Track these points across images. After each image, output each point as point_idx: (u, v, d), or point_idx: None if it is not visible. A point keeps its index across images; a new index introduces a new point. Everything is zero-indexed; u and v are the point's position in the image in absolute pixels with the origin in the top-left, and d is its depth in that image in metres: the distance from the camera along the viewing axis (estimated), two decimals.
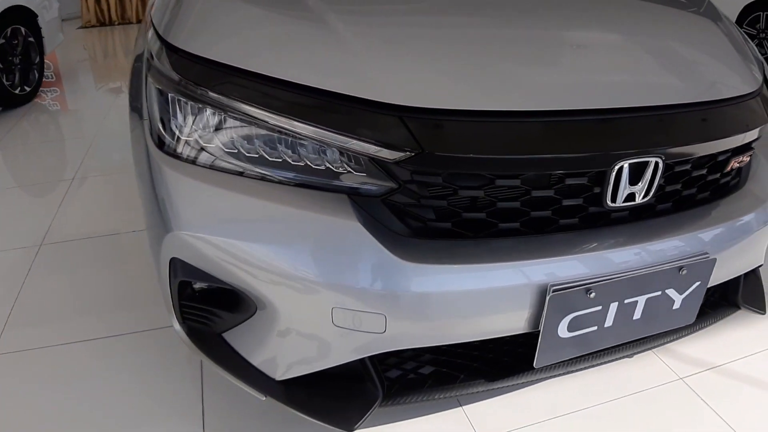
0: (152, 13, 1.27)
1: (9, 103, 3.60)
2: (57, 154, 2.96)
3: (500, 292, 0.92)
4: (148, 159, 1.03)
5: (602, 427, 1.32)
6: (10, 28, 3.58)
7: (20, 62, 3.70)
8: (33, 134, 3.28)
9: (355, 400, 1.01)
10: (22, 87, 3.71)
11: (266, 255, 0.91)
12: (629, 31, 1.13)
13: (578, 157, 0.90)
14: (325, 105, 0.90)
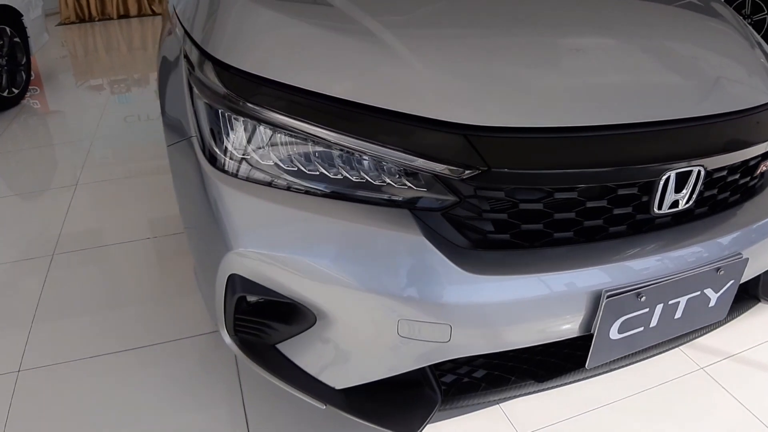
0: (184, 19, 1.26)
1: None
2: (55, 160, 2.89)
3: (558, 299, 0.95)
4: (201, 176, 1.03)
5: (632, 417, 1.38)
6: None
7: (6, 63, 3.60)
8: (26, 139, 3.20)
9: (415, 405, 1.04)
10: (9, 89, 3.61)
11: (331, 270, 0.93)
12: (669, 44, 1.16)
13: (633, 168, 0.93)
14: (390, 124, 0.91)
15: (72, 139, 3.12)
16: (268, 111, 0.95)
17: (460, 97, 0.93)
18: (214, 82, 1.02)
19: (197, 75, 1.06)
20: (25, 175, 2.70)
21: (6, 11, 3.55)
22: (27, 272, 1.93)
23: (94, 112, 3.55)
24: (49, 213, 2.32)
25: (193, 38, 1.12)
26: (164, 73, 1.38)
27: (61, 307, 1.75)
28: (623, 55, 1.08)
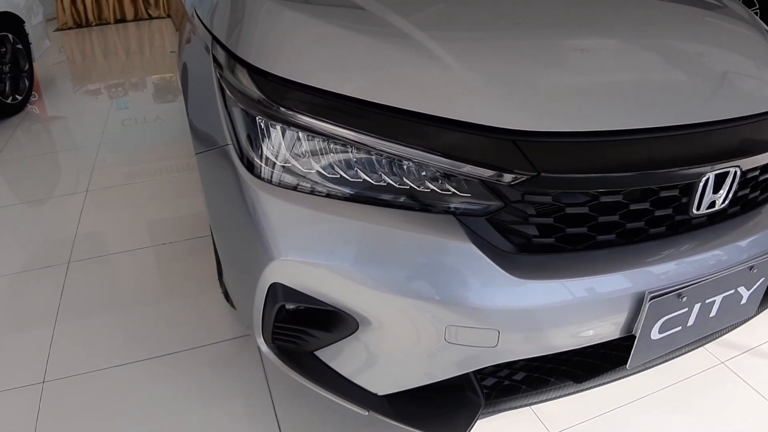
0: (211, 25, 1.23)
1: (1, 113, 3.47)
2: (64, 166, 2.85)
3: (603, 302, 0.95)
4: (239, 185, 1.02)
5: (661, 413, 1.38)
6: None
7: (10, 70, 3.55)
8: (32, 145, 3.16)
9: (459, 409, 1.04)
10: (13, 96, 3.56)
11: (377, 277, 0.92)
12: (704, 48, 1.17)
13: (677, 170, 0.93)
14: (436, 131, 0.90)
15: (78, 145, 3.09)
16: (308, 118, 0.94)
17: (506, 103, 0.92)
18: (252, 89, 1.00)
19: (232, 82, 1.05)
20: (35, 181, 2.67)
21: (8, 18, 3.50)
22: (44, 281, 1.91)
23: (98, 117, 3.51)
24: (61, 220, 2.29)
25: (226, 45, 1.10)
26: (188, 79, 1.36)
27: (81, 316, 1.72)
28: (663, 58, 1.08)
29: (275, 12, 1.09)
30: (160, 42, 5.81)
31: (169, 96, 3.98)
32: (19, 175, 2.78)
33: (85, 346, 1.60)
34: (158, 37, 5.99)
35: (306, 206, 0.95)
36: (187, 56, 1.41)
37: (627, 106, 0.96)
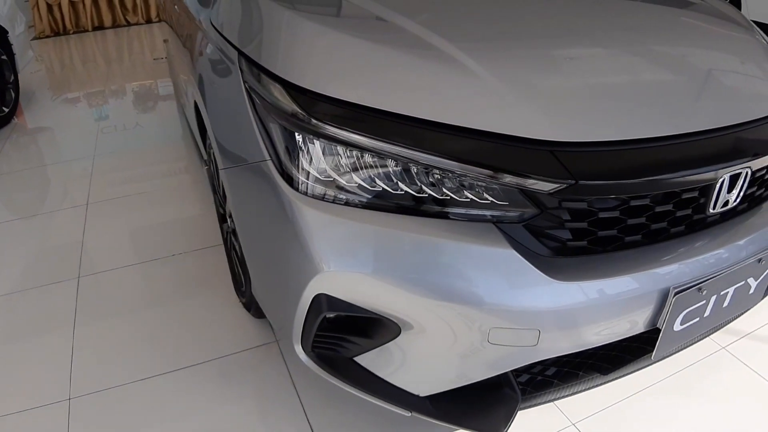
0: (237, 41, 1.23)
1: None
2: (60, 179, 2.79)
3: (632, 299, 1.00)
4: (280, 200, 1.03)
5: (670, 398, 1.45)
6: None
7: None
8: (24, 159, 3.08)
9: (499, 405, 1.07)
10: (0, 108, 3.47)
11: (421, 285, 0.95)
12: (717, 59, 1.24)
13: (699, 173, 0.99)
14: (477, 143, 0.94)
15: (72, 157, 3.02)
16: (349, 133, 0.96)
17: (543, 115, 0.96)
18: (291, 106, 1.02)
19: (270, 99, 1.06)
20: (33, 195, 2.61)
21: None
22: (56, 296, 1.87)
23: (87, 126, 3.44)
24: (65, 234, 2.25)
25: (261, 63, 1.10)
26: (209, 96, 1.36)
27: (98, 331, 1.70)
28: (683, 70, 1.14)
29: (315, 32, 1.10)
30: (139, 49, 5.70)
31: (149, 103, 3.93)
32: (15, 188, 2.71)
33: (106, 361, 1.58)
34: (137, 43, 5.88)
35: (349, 218, 0.97)
36: (206, 71, 1.41)
37: (653, 115, 1.01)
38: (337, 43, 1.07)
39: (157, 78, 4.49)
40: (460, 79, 1.00)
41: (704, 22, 1.41)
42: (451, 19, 1.18)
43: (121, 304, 1.82)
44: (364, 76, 1.02)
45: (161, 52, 5.28)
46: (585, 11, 1.34)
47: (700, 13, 1.47)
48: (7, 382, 1.52)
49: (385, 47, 1.07)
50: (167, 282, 1.92)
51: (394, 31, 1.11)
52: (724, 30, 1.39)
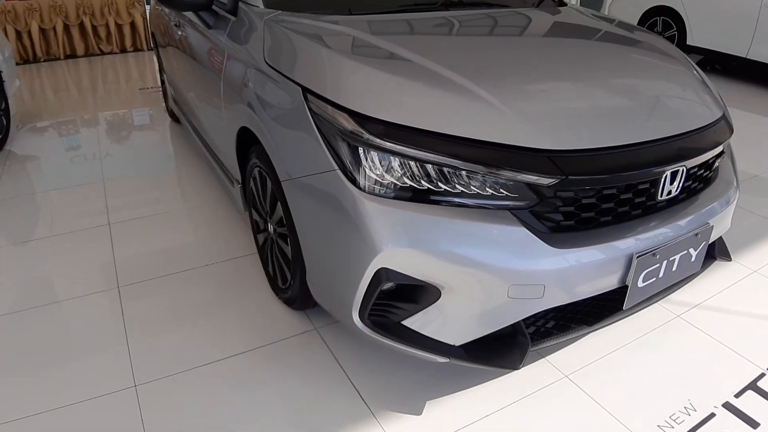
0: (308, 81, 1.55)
1: None
2: (73, 201, 3.01)
3: (608, 261, 1.44)
4: (347, 197, 1.41)
5: (642, 354, 1.89)
6: None
7: None
8: (27, 183, 3.29)
9: (514, 349, 1.48)
10: None
11: (458, 255, 1.35)
12: (664, 86, 1.76)
13: (651, 170, 1.45)
14: (496, 152, 1.36)
15: (83, 181, 3.27)
16: (396, 145, 1.37)
17: (541, 132, 1.40)
18: (353, 126, 1.42)
19: (336, 123, 1.44)
20: (50, 217, 2.84)
21: None
22: (101, 303, 2.12)
23: (86, 152, 3.70)
24: (95, 251, 2.49)
25: (324, 95, 1.49)
26: (272, 121, 1.72)
27: (148, 329, 1.97)
28: (641, 96, 1.64)
29: (367, 73, 1.51)
30: (114, 78, 5.96)
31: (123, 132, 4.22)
32: (33, 211, 2.92)
33: (162, 353, 1.86)
34: (111, 73, 6.14)
35: (400, 208, 1.37)
36: (262, 102, 1.77)
37: (618, 130, 1.47)
38: (384, 81, 1.49)
39: (142, 107, 4.79)
40: (478, 106, 1.43)
41: (654, 59, 1.92)
42: (466, 62, 1.62)
43: (164, 306, 2.10)
44: (405, 103, 1.43)
45: (145, 83, 5.58)
46: (567, 54, 1.83)
47: (651, 52, 1.99)
48: (72, 375, 1.78)
49: (418, 82, 1.49)
50: (204, 287, 2.23)
51: (424, 71, 1.54)
52: (667, 65, 1.90)
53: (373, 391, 1.72)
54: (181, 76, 3.06)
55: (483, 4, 2.30)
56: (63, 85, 5.65)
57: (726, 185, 1.80)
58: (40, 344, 1.92)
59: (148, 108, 4.78)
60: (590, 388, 1.75)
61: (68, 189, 3.18)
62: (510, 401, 1.69)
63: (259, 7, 1.98)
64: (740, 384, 1.81)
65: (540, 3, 2.46)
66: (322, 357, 1.86)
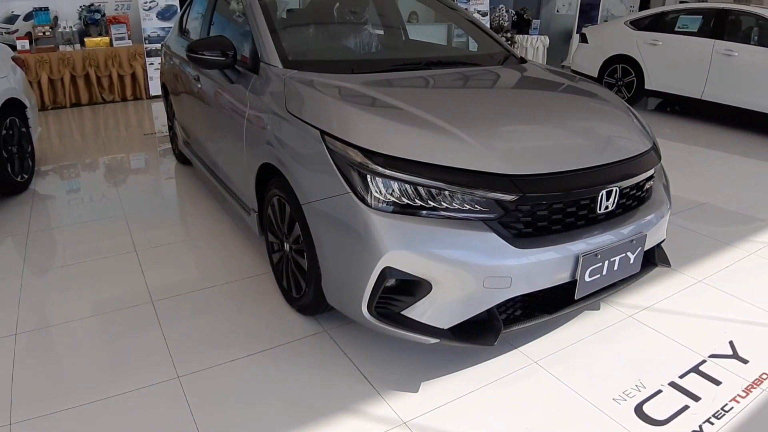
0: (326, 125, 2.01)
1: (12, 190, 3.97)
2: (100, 233, 3.39)
3: (560, 259, 1.89)
4: (358, 213, 1.85)
5: (599, 345, 2.32)
6: (9, 119, 4.00)
7: (17, 151, 4.09)
8: (58, 217, 3.67)
9: (490, 330, 1.91)
10: (21, 175, 4.10)
11: (446, 256, 1.80)
12: (599, 123, 2.29)
13: (589, 189, 1.93)
14: (471, 176, 1.83)
15: (106, 215, 3.67)
16: (395, 172, 1.83)
17: (505, 161, 1.87)
18: (362, 159, 1.88)
19: (348, 157, 1.91)
20: (84, 245, 3.23)
21: (14, 104, 4.08)
22: (137, 316, 2.49)
23: (104, 191, 4.12)
24: (125, 273, 2.87)
25: (338, 136, 1.94)
26: (294, 157, 2.17)
27: (182, 331, 2.35)
28: (584, 132, 2.16)
29: (371, 119, 2.00)
30: (120, 124, 6.44)
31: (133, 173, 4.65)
32: (64, 240, 3.29)
33: (199, 350, 2.23)
34: (116, 120, 6.62)
35: (400, 220, 1.82)
36: (286, 142, 2.22)
37: (565, 159, 1.96)
38: (384, 124, 1.97)
39: (149, 150, 5.25)
40: (455, 142, 1.91)
41: (595, 104, 2.47)
42: (446, 109, 2.12)
43: (193, 315, 2.49)
44: (400, 141, 1.91)
45: (148, 129, 6.07)
46: (525, 100, 2.38)
47: (594, 98, 2.53)
48: (119, 370, 2.13)
49: (409, 125, 1.98)
50: (227, 300, 2.63)
51: (413, 116, 2.03)
52: (606, 108, 2.45)
53: (377, 375, 2.12)
54: (198, 123, 3.54)
55: (458, 63, 2.84)
56: (74, 131, 6.11)
57: (659, 203, 2.30)
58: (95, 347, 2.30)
59: (155, 151, 5.25)
60: (556, 371, 2.17)
61: (96, 222, 3.58)
62: (489, 381, 2.10)
63: (278, 67, 2.48)
64: (684, 368, 2.23)
65: (505, 60, 3.01)
66: (332, 352, 2.26)
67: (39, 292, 2.72)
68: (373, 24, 3.68)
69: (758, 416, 2.00)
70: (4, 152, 3.87)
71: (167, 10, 7.29)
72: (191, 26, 4.06)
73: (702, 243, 3.40)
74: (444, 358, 2.19)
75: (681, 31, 6.67)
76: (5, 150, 3.88)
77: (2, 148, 3.83)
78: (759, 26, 6.11)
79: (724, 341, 2.40)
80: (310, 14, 3.46)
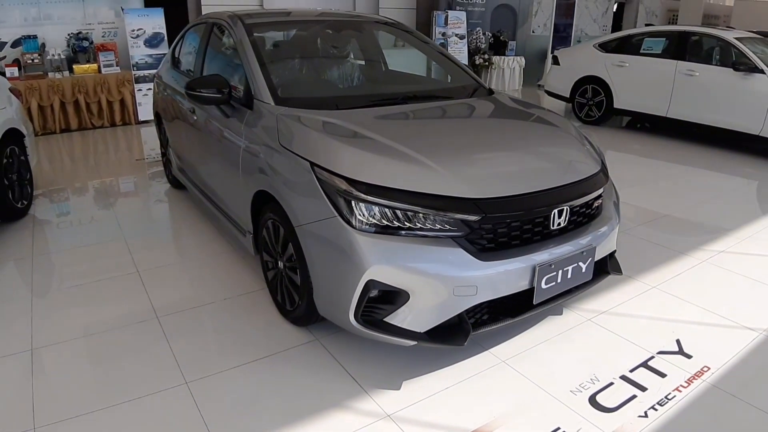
0: (306, 154, 2.35)
1: (12, 216, 4.22)
2: (102, 255, 3.66)
3: (518, 269, 2.24)
4: (344, 234, 2.18)
5: (560, 347, 2.66)
6: (9, 149, 4.27)
7: (17, 179, 4.36)
8: (60, 241, 3.92)
9: (460, 333, 2.24)
10: (21, 201, 4.36)
11: (421, 269, 2.14)
12: (552, 148, 2.66)
13: (543, 209, 2.29)
14: (439, 200, 2.18)
15: (106, 238, 3.94)
16: (375, 198, 2.17)
17: (469, 186, 2.22)
18: (347, 186, 2.22)
19: (334, 185, 2.24)
20: (87, 267, 3.49)
21: (14, 133, 4.36)
22: (144, 331, 2.76)
23: (102, 215, 4.39)
24: (130, 292, 3.15)
25: (326, 167, 2.27)
26: (287, 186, 2.50)
27: (187, 344, 2.63)
28: (539, 157, 2.53)
29: (354, 152, 2.33)
30: (111, 149, 6.72)
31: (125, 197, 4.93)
32: (67, 261, 3.55)
33: (204, 357, 2.51)
34: (107, 145, 6.89)
35: (380, 239, 2.16)
36: (280, 172, 2.55)
37: (521, 182, 2.32)
38: (365, 156, 2.32)
39: (142, 174, 5.53)
40: (427, 171, 2.26)
41: (551, 133, 2.87)
42: (419, 141, 2.48)
43: (196, 328, 2.77)
44: (379, 170, 2.25)
45: (139, 154, 6.36)
46: (489, 131, 2.76)
47: (549, 127, 2.93)
48: (131, 378, 2.40)
49: (387, 157, 2.32)
50: (226, 314, 2.92)
51: (391, 148, 2.37)
52: (561, 135, 2.84)
53: (364, 375, 2.43)
54: (194, 152, 3.85)
55: (432, 98, 3.22)
56: (64, 156, 6.37)
57: (607, 218, 2.67)
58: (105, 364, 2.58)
59: (146, 176, 5.54)
60: (521, 368, 2.50)
61: (96, 244, 3.85)
62: (463, 378, 2.42)
63: (270, 104, 2.82)
64: (634, 363, 2.58)
65: (475, 92, 3.39)
66: (323, 357, 2.57)
67: (49, 312, 2.97)
68: (355, 56, 4.07)
69: (697, 403, 2.34)
70: (5, 180, 4.13)
71: (155, 37, 7.63)
72: (184, 59, 4.40)
73: (659, 253, 3.78)
74: (422, 359, 2.51)
75: (646, 53, 7.18)
76: (6, 178, 4.15)
77: (3, 176, 4.10)
78: (719, 47, 6.62)
79: (671, 339, 2.76)
80: (296, 49, 3.82)
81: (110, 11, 8.04)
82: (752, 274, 3.50)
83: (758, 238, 4.09)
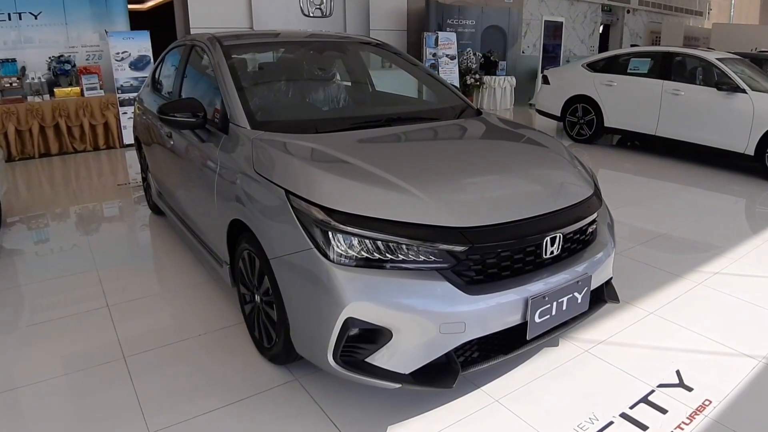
0: (282, 182, 2.19)
1: None
2: (71, 288, 3.45)
3: (509, 303, 2.07)
4: (321, 268, 2.01)
5: (556, 381, 2.48)
6: None
7: None
8: (26, 273, 3.72)
9: (449, 373, 2.05)
10: None
11: (404, 305, 1.96)
12: (543, 172, 2.52)
13: (534, 237, 2.13)
14: (423, 230, 2.01)
15: (77, 270, 3.74)
16: (353, 228, 2.00)
17: (455, 215, 2.07)
18: (324, 216, 2.05)
19: (309, 214, 2.07)
20: (54, 301, 3.27)
21: None
22: (110, 374, 2.55)
23: (75, 244, 4.18)
24: (97, 329, 2.94)
25: (302, 195, 2.10)
26: (261, 215, 2.33)
27: (154, 386, 2.43)
28: (530, 182, 2.38)
29: (332, 179, 2.17)
30: (91, 174, 6.53)
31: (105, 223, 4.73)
32: (35, 297, 3.34)
33: (171, 405, 2.31)
34: (88, 169, 6.70)
35: (360, 273, 1.99)
36: (255, 200, 2.38)
37: (510, 210, 2.16)
38: (344, 184, 2.15)
39: (121, 201, 5.33)
40: (410, 198, 2.10)
41: (542, 155, 2.72)
42: (402, 167, 2.32)
43: (167, 368, 2.57)
44: (359, 199, 2.09)
45: (122, 179, 6.17)
46: (475, 154, 2.61)
47: (540, 149, 2.79)
48: (86, 428, 2.22)
49: (368, 184, 2.16)
50: (201, 351, 2.72)
51: (372, 175, 2.21)
52: (552, 158, 2.70)
53: (346, 421, 2.24)
54: (172, 178, 3.68)
55: (417, 119, 3.07)
56: (43, 181, 6.16)
57: (602, 244, 2.51)
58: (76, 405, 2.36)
59: (127, 202, 5.35)
60: (515, 408, 2.32)
61: (66, 277, 3.64)
62: (453, 421, 2.23)
63: (246, 128, 2.67)
64: (634, 398, 2.41)
65: (462, 113, 3.25)
66: (303, 400, 2.38)
67: (6, 352, 2.76)
68: (341, 77, 3.93)
69: None
70: None
71: (140, 60, 7.50)
72: (164, 81, 4.25)
73: (653, 275, 3.64)
74: (409, 400, 2.32)
75: (633, 73, 7.14)
76: None
77: None
78: (701, 67, 6.60)
79: (671, 371, 2.59)
80: (279, 71, 3.68)
81: (94, 34, 7.91)
82: (746, 296, 3.38)
83: (749, 258, 4.00)
